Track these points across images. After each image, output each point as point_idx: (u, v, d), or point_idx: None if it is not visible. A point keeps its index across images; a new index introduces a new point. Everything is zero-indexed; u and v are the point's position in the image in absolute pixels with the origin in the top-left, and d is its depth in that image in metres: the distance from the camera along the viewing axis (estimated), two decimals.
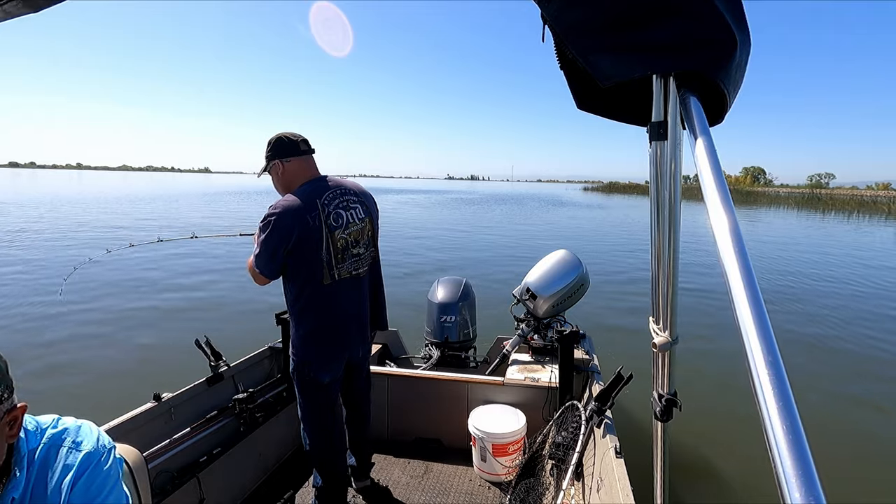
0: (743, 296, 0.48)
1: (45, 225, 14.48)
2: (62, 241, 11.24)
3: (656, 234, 0.78)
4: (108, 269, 7.90)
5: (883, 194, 64.27)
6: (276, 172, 1.92)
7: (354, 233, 1.91)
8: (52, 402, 3.66)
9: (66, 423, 0.95)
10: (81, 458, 0.90)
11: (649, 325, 0.83)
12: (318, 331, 1.89)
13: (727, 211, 0.55)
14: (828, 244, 15.19)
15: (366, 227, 1.96)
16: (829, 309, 7.08)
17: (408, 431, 2.73)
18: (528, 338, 2.93)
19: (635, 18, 0.70)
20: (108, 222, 15.97)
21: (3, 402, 0.79)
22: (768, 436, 0.40)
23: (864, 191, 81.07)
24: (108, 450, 0.95)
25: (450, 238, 14.50)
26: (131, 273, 7.94)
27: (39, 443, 0.90)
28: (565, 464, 1.85)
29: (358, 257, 1.92)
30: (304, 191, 1.84)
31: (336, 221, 1.85)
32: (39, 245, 10.62)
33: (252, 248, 1.86)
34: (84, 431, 0.95)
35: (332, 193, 1.87)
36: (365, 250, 1.96)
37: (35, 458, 0.88)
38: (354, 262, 1.92)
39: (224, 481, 2.18)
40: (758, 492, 2.91)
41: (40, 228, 13.65)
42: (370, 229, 1.99)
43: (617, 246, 13.32)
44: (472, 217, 22.93)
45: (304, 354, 1.91)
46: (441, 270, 8.84)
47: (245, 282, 7.40)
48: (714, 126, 0.76)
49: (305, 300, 1.86)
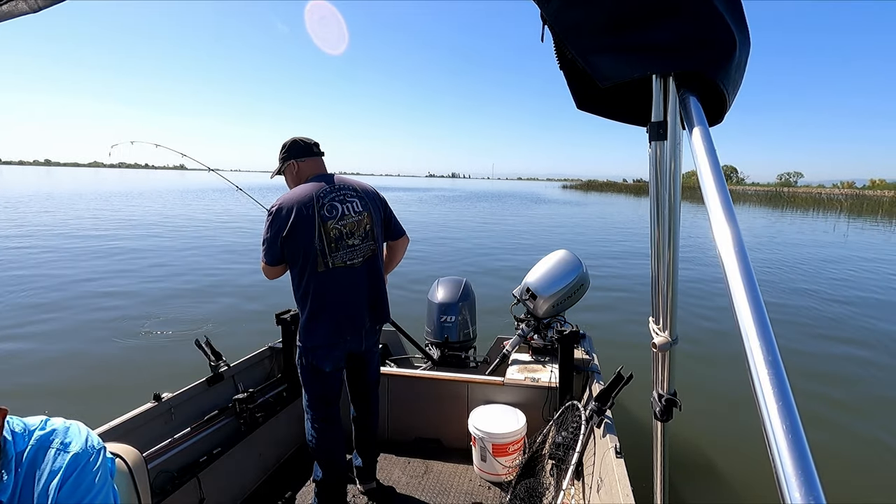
0: (743, 296, 0.48)
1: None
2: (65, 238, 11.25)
3: (656, 234, 0.78)
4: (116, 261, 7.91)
5: (842, 192, 66.62)
6: (291, 171, 2.08)
7: (350, 224, 1.99)
8: (46, 402, 3.66)
9: (54, 424, 0.94)
10: (69, 460, 0.89)
11: (649, 326, 0.83)
12: (315, 316, 1.98)
13: (727, 210, 0.55)
14: (778, 239, 15.68)
15: (363, 221, 2.03)
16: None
17: (408, 431, 2.73)
18: (528, 338, 2.93)
19: (635, 19, 0.70)
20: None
21: None
22: (768, 436, 0.40)
23: (829, 189, 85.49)
24: (97, 450, 0.94)
25: (439, 237, 14.53)
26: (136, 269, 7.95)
27: (27, 445, 0.88)
28: (565, 464, 1.85)
29: (353, 248, 2.00)
30: (306, 185, 2.00)
31: (329, 212, 1.95)
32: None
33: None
34: (72, 432, 0.94)
35: (330, 188, 2.00)
36: (361, 242, 2.03)
37: (23, 461, 0.87)
38: (349, 253, 1.99)
39: (224, 481, 2.18)
40: (758, 492, 2.91)
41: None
42: (368, 223, 2.05)
43: (616, 246, 13.34)
44: (453, 213, 23.43)
45: (305, 340, 2.01)
46: (440, 270, 8.85)
47: (245, 283, 7.42)
48: (714, 126, 0.76)
49: (304, 287, 1.97)
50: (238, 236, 12.82)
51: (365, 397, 2.27)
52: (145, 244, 10.84)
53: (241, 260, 9.31)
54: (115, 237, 11.94)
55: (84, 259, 8.94)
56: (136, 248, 10.14)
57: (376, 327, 2.18)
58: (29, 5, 0.79)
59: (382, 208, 2.16)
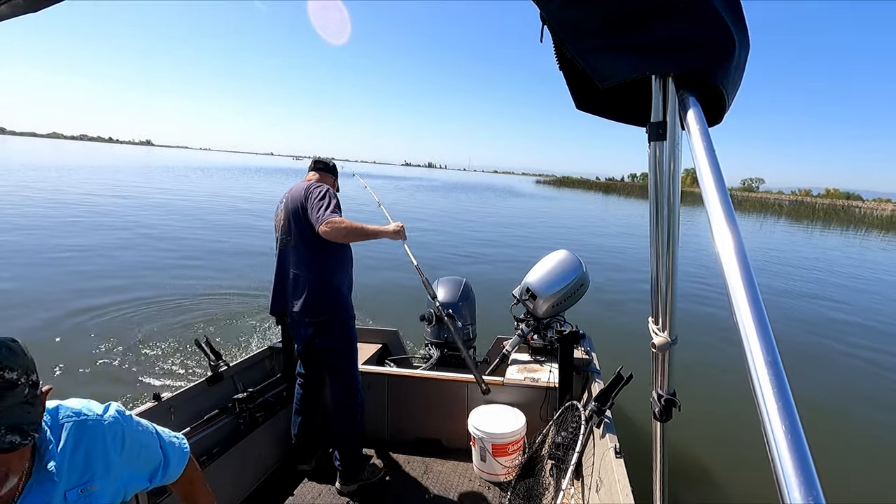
0: (742, 296, 0.48)
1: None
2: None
3: (655, 234, 0.78)
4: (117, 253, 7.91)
5: (787, 199, 70.89)
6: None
7: (276, 221, 2.38)
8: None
9: (67, 404, 0.99)
10: (109, 424, 0.98)
11: (648, 326, 0.83)
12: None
13: (726, 210, 0.55)
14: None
15: (281, 217, 2.33)
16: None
17: (408, 431, 2.73)
18: (527, 338, 2.93)
19: (634, 19, 0.70)
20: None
21: (36, 385, 0.81)
22: (768, 436, 0.40)
23: (787, 195, 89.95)
24: (108, 407, 1.04)
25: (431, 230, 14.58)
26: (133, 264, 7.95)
27: (61, 426, 0.93)
28: (565, 464, 1.85)
29: (277, 241, 2.37)
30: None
31: (276, 210, 2.41)
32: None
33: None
34: (87, 405, 1.00)
35: (286, 194, 2.38)
36: (281, 235, 2.33)
37: (65, 441, 0.91)
38: (276, 242, 2.37)
39: (224, 481, 2.18)
40: (758, 492, 2.91)
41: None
42: (283, 220, 2.32)
43: (615, 245, 13.37)
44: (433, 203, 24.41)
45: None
46: (438, 269, 8.85)
47: (244, 282, 7.42)
48: (713, 126, 0.76)
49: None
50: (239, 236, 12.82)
51: (315, 386, 2.56)
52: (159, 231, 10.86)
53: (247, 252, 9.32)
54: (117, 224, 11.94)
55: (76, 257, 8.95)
56: (135, 249, 10.14)
57: (323, 318, 2.27)
58: (29, 5, 0.79)
59: (295, 205, 2.28)
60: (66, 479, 0.87)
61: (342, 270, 2.32)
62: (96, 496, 0.91)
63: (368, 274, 7.69)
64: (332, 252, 2.25)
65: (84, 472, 0.90)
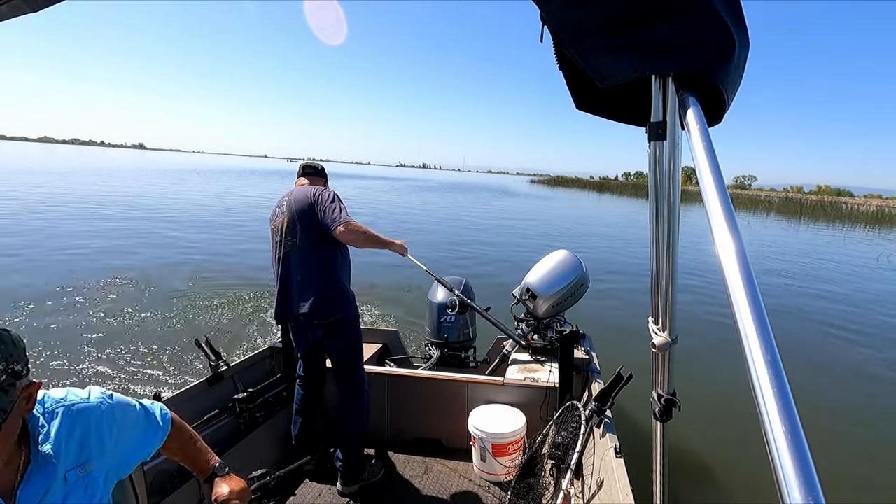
0: (742, 295, 0.48)
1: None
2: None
3: (655, 234, 0.78)
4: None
5: (778, 196, 72.18)
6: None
7: (274, 224, 2.33)
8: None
9: (55, 393, 1.00)
10: (107, 409, 1.01)
11: (648, 326, 0.83)
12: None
13: (726, 210, 0.55)
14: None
15: (284, 220, 2.28)
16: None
17: (408, 431, 2.73)
18: (528, 338, 2.93)
19: (634, 19, 0.70)
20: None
21: (22, 378, 0.82)
22: (768, 436, 0.40)
23: (780, 192, 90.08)
24: (89, 392, 1.04)
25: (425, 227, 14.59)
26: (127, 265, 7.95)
27: (55, 414, 0.94)
28: (565, 464, 1.84)
29: (279, 244, 2.29)
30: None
31: (272, 214, 2.37)
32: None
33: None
34: (76, 392, 1.00)
35: (284, 198, 2.35)
36: (283, 238, 2.28)
37: (56, 428, 0.92)
38: (278, 245, 2.30)
39: None
40: (758, 492, 2.91)
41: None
42: (287, 222, 2.27)
43: (615, 245, 13.37)
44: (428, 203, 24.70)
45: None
46: (438, 269, 8.84)
47: (244, 282, 7.42)
48: (712, 126, 0.76)
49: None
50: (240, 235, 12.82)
51: (315, 388, 2.55)
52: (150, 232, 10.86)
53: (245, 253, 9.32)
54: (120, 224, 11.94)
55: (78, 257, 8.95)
56: (135, 247, 10.14)
57: (332, 320, 2.28)
58: (29, 5, 0.79)
59: (301, 208, 2.26)
60: (63, 461, 0.90)
61: (346, 271, 2.36)
62: (94, 475, 0.95)
63: (368, 274, 7.69)
64: (337, 254, 2.28)
65: (80, 454, 0.93)
